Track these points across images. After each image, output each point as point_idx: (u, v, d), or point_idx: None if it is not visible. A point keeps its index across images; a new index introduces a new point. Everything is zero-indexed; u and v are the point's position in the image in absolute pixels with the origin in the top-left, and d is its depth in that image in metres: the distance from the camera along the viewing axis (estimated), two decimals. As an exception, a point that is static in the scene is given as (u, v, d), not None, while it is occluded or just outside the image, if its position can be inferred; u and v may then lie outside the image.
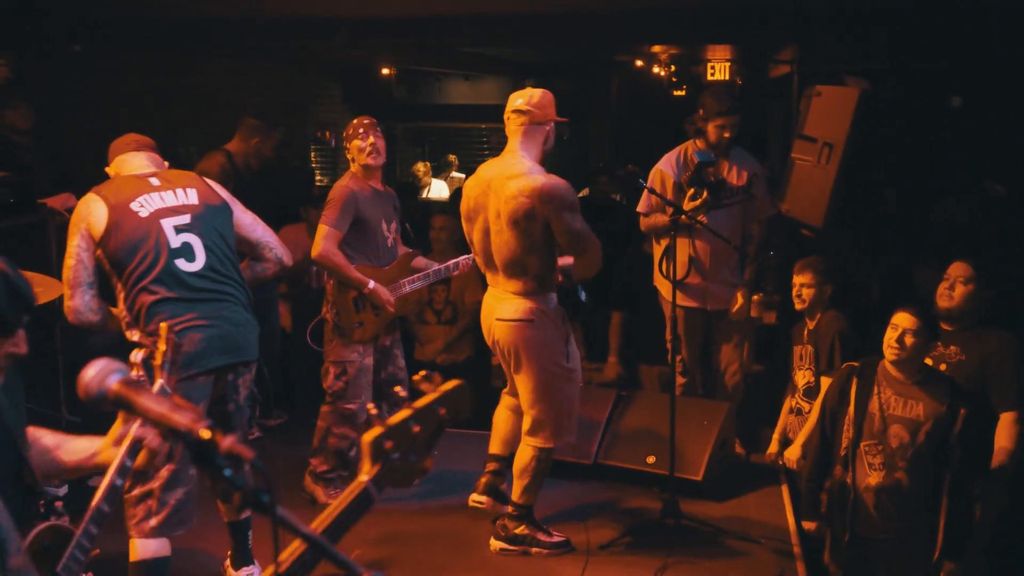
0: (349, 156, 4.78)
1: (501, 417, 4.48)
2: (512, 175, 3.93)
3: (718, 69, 8.97)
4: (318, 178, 10.87)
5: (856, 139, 4.69)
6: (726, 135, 5.09)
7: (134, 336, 3.46)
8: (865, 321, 4.82)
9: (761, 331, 5.76)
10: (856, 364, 4.06)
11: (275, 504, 1.24)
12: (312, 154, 11.32)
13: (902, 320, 3.77)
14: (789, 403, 4.91)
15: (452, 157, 12.46)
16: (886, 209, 6.72)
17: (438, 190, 11.37)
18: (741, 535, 4.43)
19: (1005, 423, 4.04)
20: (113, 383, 1.30)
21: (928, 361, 4.07)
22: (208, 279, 3.52)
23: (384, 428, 1.65)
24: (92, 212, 3.46)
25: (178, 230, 3.50)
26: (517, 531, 4.24)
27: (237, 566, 3.88)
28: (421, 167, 11.50)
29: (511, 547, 4.24)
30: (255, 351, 3.71)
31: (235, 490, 1.23)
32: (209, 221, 3.60)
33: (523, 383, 4.12)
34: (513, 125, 4.05)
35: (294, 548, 1.47)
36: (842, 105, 4.92)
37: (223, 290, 3.57)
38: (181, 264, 3.47)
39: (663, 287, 5.32)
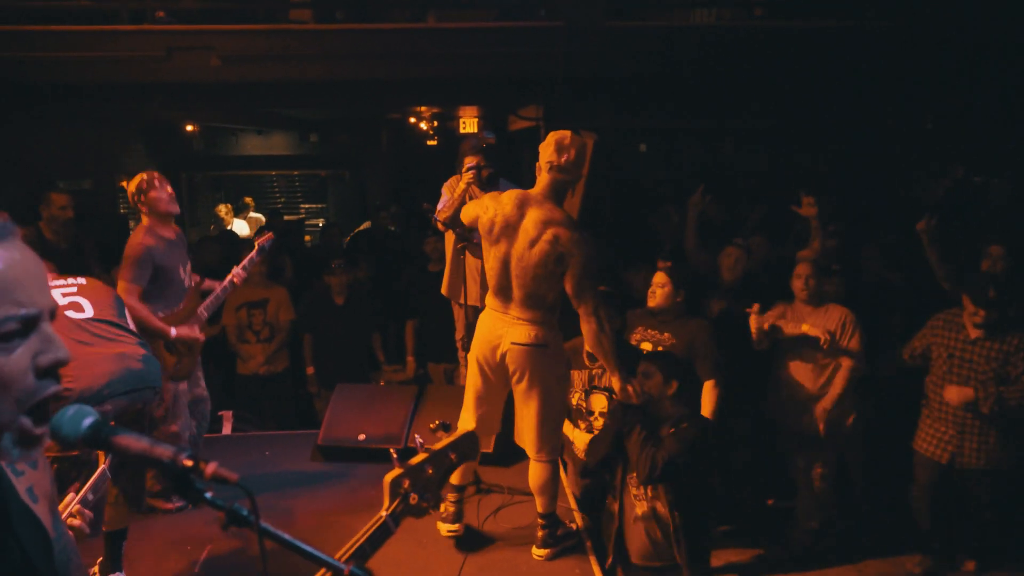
0: (143, 208, 4.33)
1: None
2: (554, 221, 3.63)
3: (468, 124, 9.27)
4: (132, 224, 10.19)
5: (594, 177, 4.96)
6: (482, 164, 5.02)
7: None
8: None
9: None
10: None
11: (259, 519, 1.19)
12: (121, 202, 10.59)
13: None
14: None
15: (249, 199, 12.04)
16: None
17: (240, 228, 10.99)
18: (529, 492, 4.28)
19: (707, 388, 4.45)
20: (87, 423, 1.19)
21: (647, 346, 4.46)
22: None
23: (403, 469, 1.62)
24: None
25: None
26: (559, 533, 3.94)
27: (105, 573, 3.59)
28: (223, 208, 11.06)
29: (556, 547, 3.91)
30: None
31: (218, 510, 1.17)
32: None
33: (533, 402, 3.77)
34: (544, 173, 3.72)
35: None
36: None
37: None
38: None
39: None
